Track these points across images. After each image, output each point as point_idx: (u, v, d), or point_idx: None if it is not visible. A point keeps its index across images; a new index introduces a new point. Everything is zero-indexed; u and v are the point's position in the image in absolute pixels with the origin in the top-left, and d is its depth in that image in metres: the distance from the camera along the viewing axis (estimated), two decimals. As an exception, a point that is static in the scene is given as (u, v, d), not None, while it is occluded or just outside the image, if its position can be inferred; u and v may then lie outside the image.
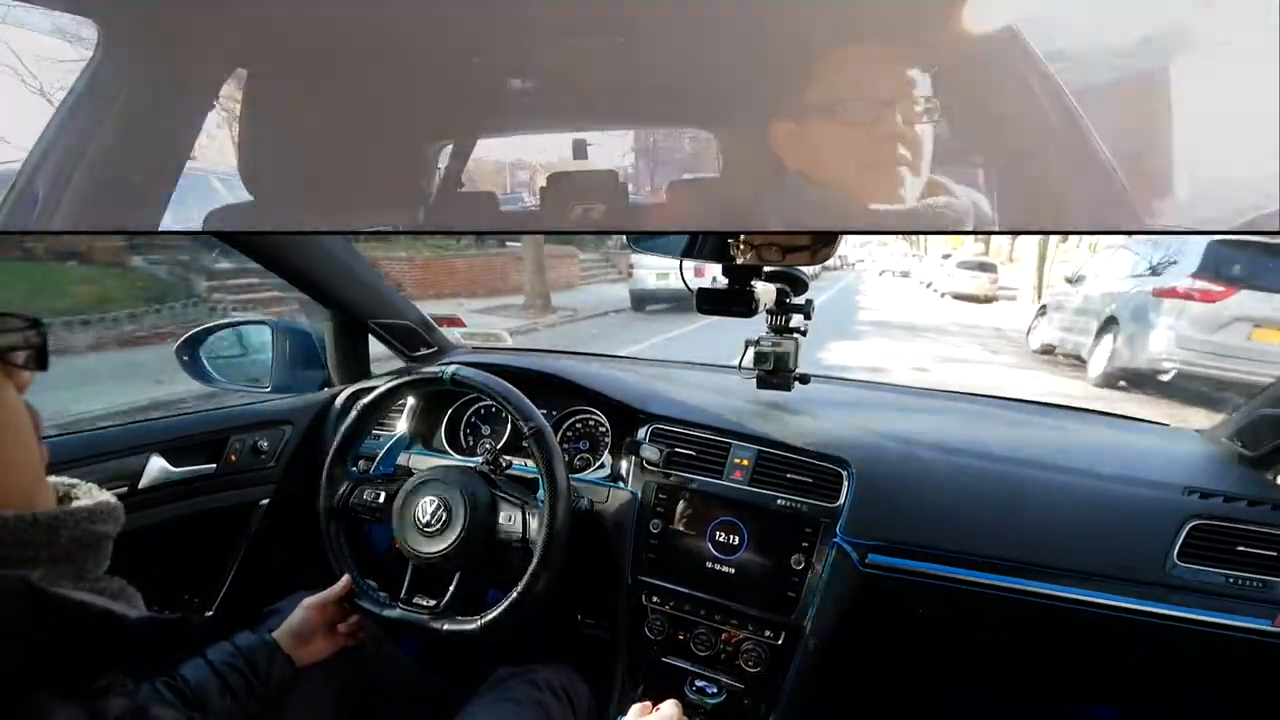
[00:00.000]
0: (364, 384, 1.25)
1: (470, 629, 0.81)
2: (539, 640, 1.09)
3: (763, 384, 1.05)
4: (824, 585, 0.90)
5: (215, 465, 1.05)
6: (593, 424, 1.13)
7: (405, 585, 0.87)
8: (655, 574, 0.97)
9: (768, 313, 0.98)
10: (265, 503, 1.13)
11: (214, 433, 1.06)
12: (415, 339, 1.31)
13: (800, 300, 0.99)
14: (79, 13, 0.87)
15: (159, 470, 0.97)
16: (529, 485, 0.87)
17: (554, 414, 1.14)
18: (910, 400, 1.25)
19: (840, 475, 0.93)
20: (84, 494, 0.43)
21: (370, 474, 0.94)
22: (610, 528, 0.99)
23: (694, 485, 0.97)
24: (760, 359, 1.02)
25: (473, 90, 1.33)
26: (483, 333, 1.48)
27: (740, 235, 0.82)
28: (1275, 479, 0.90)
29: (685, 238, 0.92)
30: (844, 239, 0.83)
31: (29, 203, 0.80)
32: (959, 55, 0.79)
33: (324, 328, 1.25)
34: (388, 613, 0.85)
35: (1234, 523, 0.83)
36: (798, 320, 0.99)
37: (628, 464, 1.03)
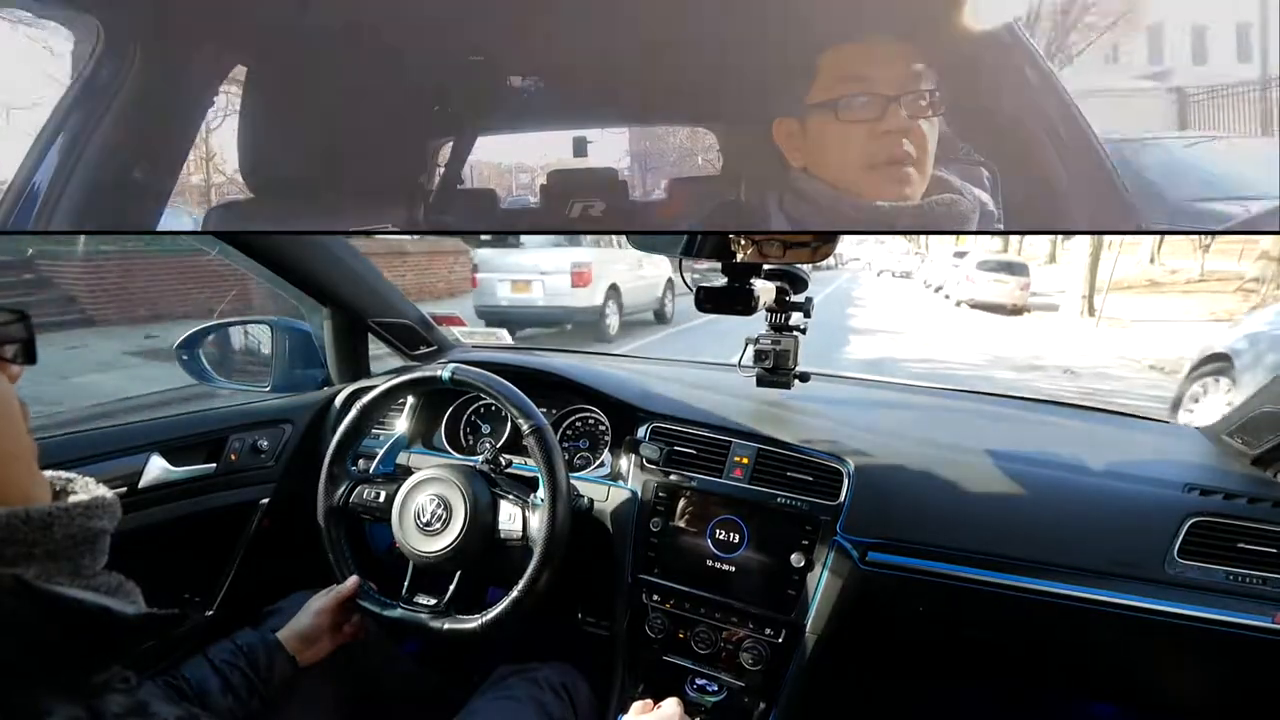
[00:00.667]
0: (364, 383, 1.25)
1: (471, 628, 0.81)
2: (539, 639, 1.09)
3: (762, 382, 1.05)
4: (824, 583, 0.90)
5: (215, 465, 1.05)
6: (592, 422, 1.13)
7: (406, 584, 0.87)
8: (655, 572, 0.97)
9: (767, 310, 0.97)
10: (265, 502, 1.13)
11: (213, 432, 1.05)
12: (415, 337, 1.31)
13: (800, 298, 0.99)
14: (79, 10, 0.87)
15: (159, 470, 0.97)
16: (529, 484, 0.87)
17: (554, 412, 1.14)
18: (910, 398, 1.25)
19: (840, 473, 0.93)
20: (80, 489, 0.42)
21: (370, 473, 0.94)
22: (610, 526, 0.99)
23: (694, 483, 0.97)
24: (760, 357, 1.02)
25: (473, 89, 1.33)
26: (483, 331, 1.48)
27: (741, 234, 0.82)
28: (1275, 476, 0.90)
29: (684, 235, 0.92)
30: (841, 236, 0.82)
31: (28, 202, 0.80)
32: (959, 54, 0.79)
33: (323, 326, 1.25)
34: (389, 612, 0.84)
35: (1234, 520, 0.83)
36: (797, 318, 0.99)
37: (628, 462, 1.03)
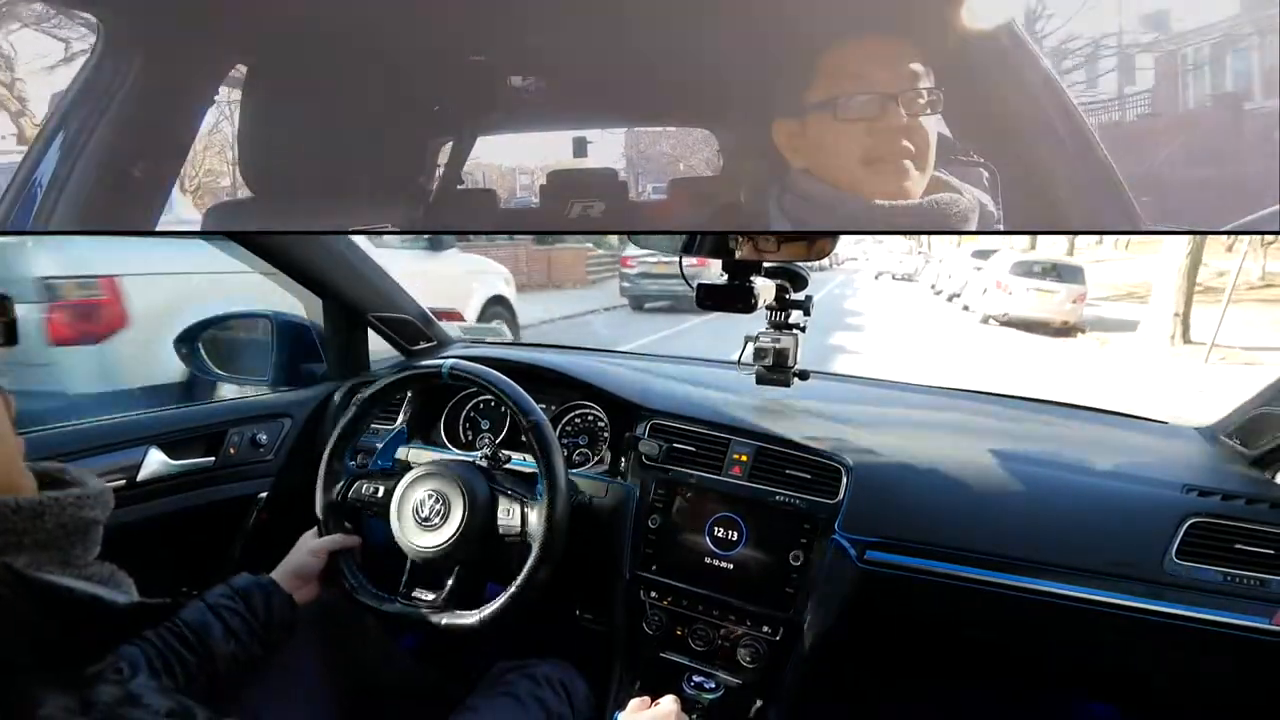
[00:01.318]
0: (363, 377, 1.25)
1: (469, 623, 0.81)
2: (537, 635, 1.09)
3: (762, 380, 1.05)
4: (822, 581, 0.90)
5: (214, 458, 1.05)
6: (591, 419, 1.13)
7: (404, 579, 0.87)
8: (654, 569, 0.97)
9: (767, 309, 0.98)
10: (264, 496, 1.13)
11: (212, 425, 1.06)
12: (414, 332, 1.31)
13: (800, 296, 0.99)
14: (79, 10, 0.87)
15: (157, 463, 0.97)
16: (528, 480, 0.87)
17: (553, 409, 1.14)
18: (909, 397, 1.25)
19: (839, 471, 0.93)
20: (73, 478, 0.42)
21: (368, 469, 0.94)
22: (609, 523, 0.99)
23: (693, 481, 0.97)
24: (760, 355, 1.02)
25: (473, 89, 1.33)
26: (482, 326, 1.48)
27: (740, 234, 0.82)
28: (1274, 477, 0.90)
29: (684, 236, 0.92)
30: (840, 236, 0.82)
31: (28, 202, 0.80)
32: (959, 53, 0.79)
33: (323, 321, 1.25)
34: (387, 607, 0.84)
35: (1232, 521, 0.83)
36: (797, 316, 0.99)
37: (626, 459, 1.03)
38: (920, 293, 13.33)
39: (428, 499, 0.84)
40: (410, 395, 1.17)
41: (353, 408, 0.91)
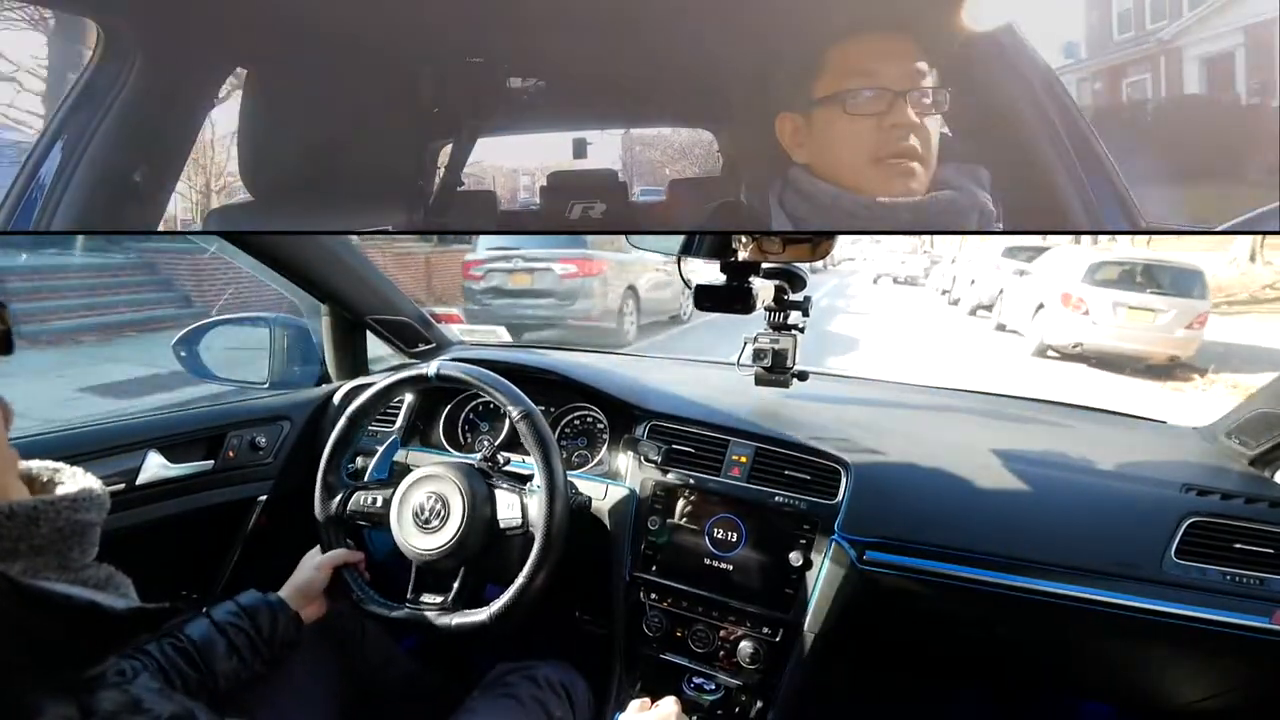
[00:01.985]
0: (361, 380, 1.25)
1: (480, 620, 0.80)
2: (538, 637, 1.09)
3: (761, 380, 1.05)
4: (822, 582, 0.90)
5: (213, 461, 1.05)
6: (590, 420, 1.13)
7: (410, 585, 0.87)
8: (653, 571, 0.97)
9: (766, 309, 0.98)
10: (263, 499, 1.13)
11: (212, 429, 1.05)
12: (413, 335, 1.31)
13: (798, 296, 0.99)
14: (79, 13, 0.87)
15: (156, 467, 0.97)
16: (527, 479, 0.87)
17: (552, 411, 1.14)
18: (908, 397, 1.25)
19: (838, 472, 0.93)
20: (68, 479, 0.42)
21: (365, 481, 0.94)
22: (608, 524, 0.99)
23: (692, 482, 0.97)
24: (758, 356, 1.02)
25: (473, 90, 1.33)
26: (482, 328, 1.48)
27: (741, 234, 0.82)
28: (1272, 476, 0.90)
29: (684, 235, 0.92)
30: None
31: (29, 203, 0.80)
32: (964, 54, 0.79)
33: (322, 323, 1.25)
34: (396, 614, 0.84)
35: (1231, 520, 0.83)
36: (796, 317, 0.99)
37: (626, 461, 1.03)
38: (929, 300, 11.37)
39: (427, 501, 0.84)
40: (410, 399, 1.17)
41: (343, 421, 0.91)
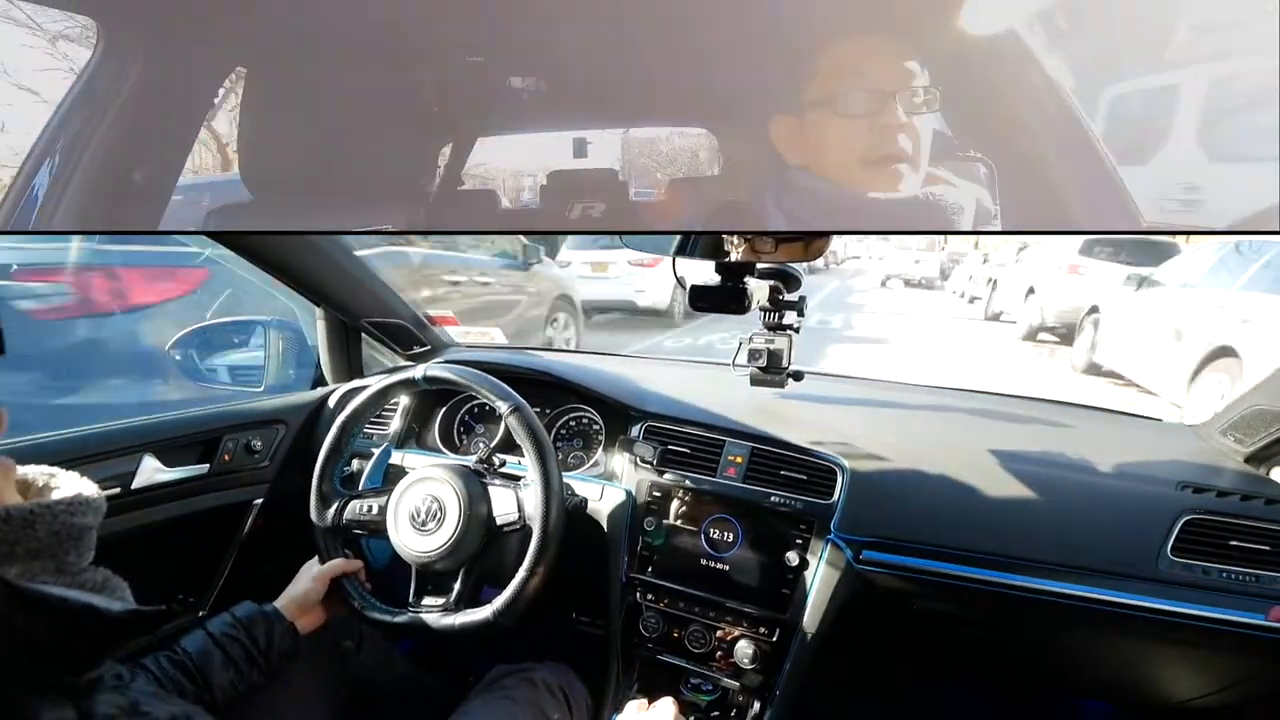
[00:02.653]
0: (357, 382, 1.25)
1: (484, 617, 0.80)
2: (535, 638, 1.08)
3: (756, 381, 1.05)
4: (818, 582, 0.89)
5: (208, 465, 1.04)
6: (586, 422, 1.13)
7: (412, 590, 0.86)
8: (650, 572, 0.97)
9: (761, 309, 0.97)
10: (259, 502, 1.12)
11: (207, 432, 1.05)
12: (409, 337, 1.31)
13: (793, 296, 0.99)
14: (79, 13, 0.87)
15: (152, 471, 0.96)
16: (522, 479, 0.87)
17: (547, 412, 1.14)
18: (904, 396, 1.25)
19: (834, 472, 0.93)
20: (64, 483, 0.42)
21: (361, 489, 0.94)
22: (604, 526, 0.99)
23: (688, 483, 0.97)
24: (754, 356, 1.02)
25: (472, 91, 1.33)
26: (477, 330, 1.48)
27: (739, 233, 0.82)
28: (1268, 474, 0.90)
29: (681, 235, 0.92)
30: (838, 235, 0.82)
31: (29, 203, 0.80)
32: (958, 52, 0.79)
33: (317, 326, 1.25)
34: (399, 619, 0.84)
35: (1227, 518, 0.84)
36: (791, 317, 0.99)
37: (621, 462, 1.03)
38: (945, 304, 10.19)
39: (422, 503, 0.83)
40: (405, 401, 1.17)
41: (334, 430, 0.90)
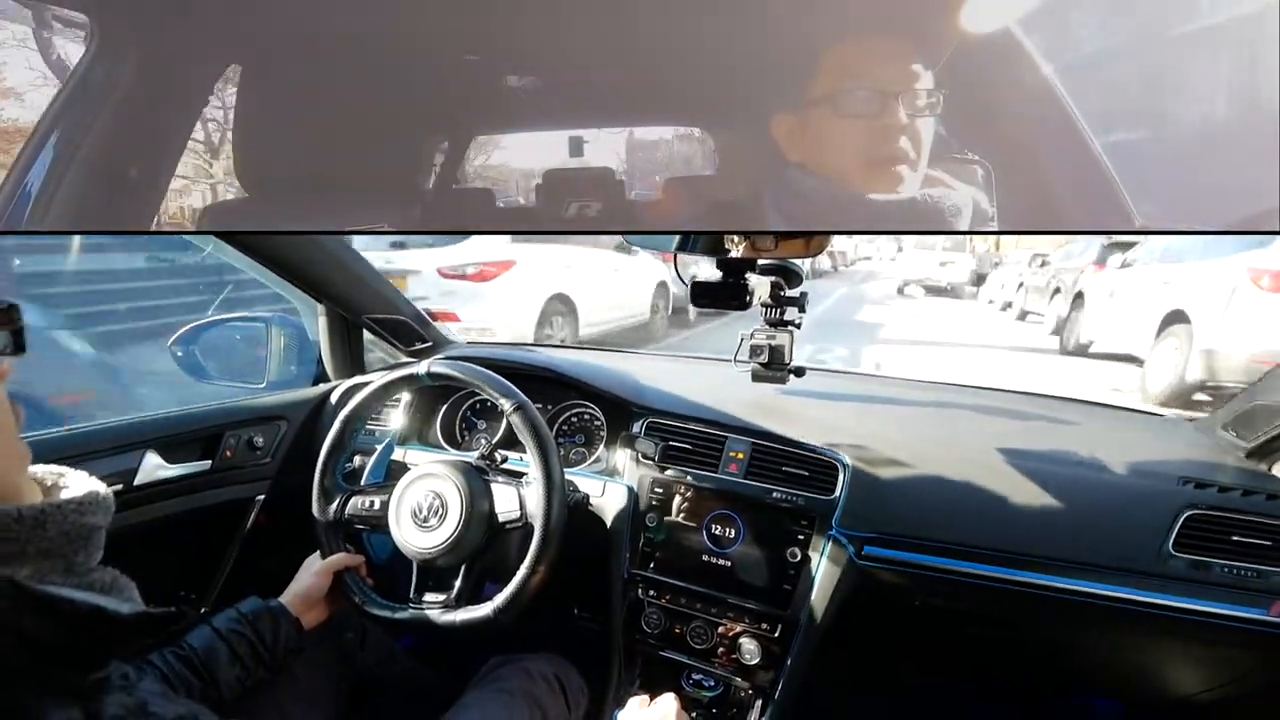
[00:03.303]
0: (359, 379, 1.25)
1: (485, 614, 0.80)
2: (537, 634, 1.08)
3: (758, 377, 1.05)
4: (820, 578, 0.90)
5: (210, 461, 1.04)
6: (587, 418, 1.13)
7: (413, 585, 0.86)
8: (651, 568, 0.97)
9: (762, 305, 0.97)
10: (261, 499, 1.13)
11: (209, 429, 1.05)
12: (410, 334, 1.31)
13: (794, 293, 0.99)
14: (73, 8, 0.87)
15: (154, 467, 0.96)
16: (524, 476, 0.87)
17: (549, 409, 1.14)
18: (905, 392, 1.25)
19: (836, 468, 0.93)
20: (73, 482, 0.42)
21: (363, 484, 0.94)
22: (606, 522, 0.99)
23: (689, 479, 0.97)
24: (755, 352, 1.02)
25: (470, 90, 1.33)
26: (478, 326, 1.48)
27: (736, 233, 0.82)
28: (1270, 469, 0.90)
29: (680, 233, 0.92)
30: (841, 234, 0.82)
31: (22, 202, 0.80)
32: (958, 54, 0.79)
33: (319, 323, 1.25)
34: (400, 615, 0.84)
35: (1229, 513, 0.84)
36: (792, 313, 0.99)
37: (623, 458, 1.03)
38: (978, 314, 8.73)
39: (424, 499, 0.83)
40: (406, 397, 1.17)
41: (337, 424, 0.90)
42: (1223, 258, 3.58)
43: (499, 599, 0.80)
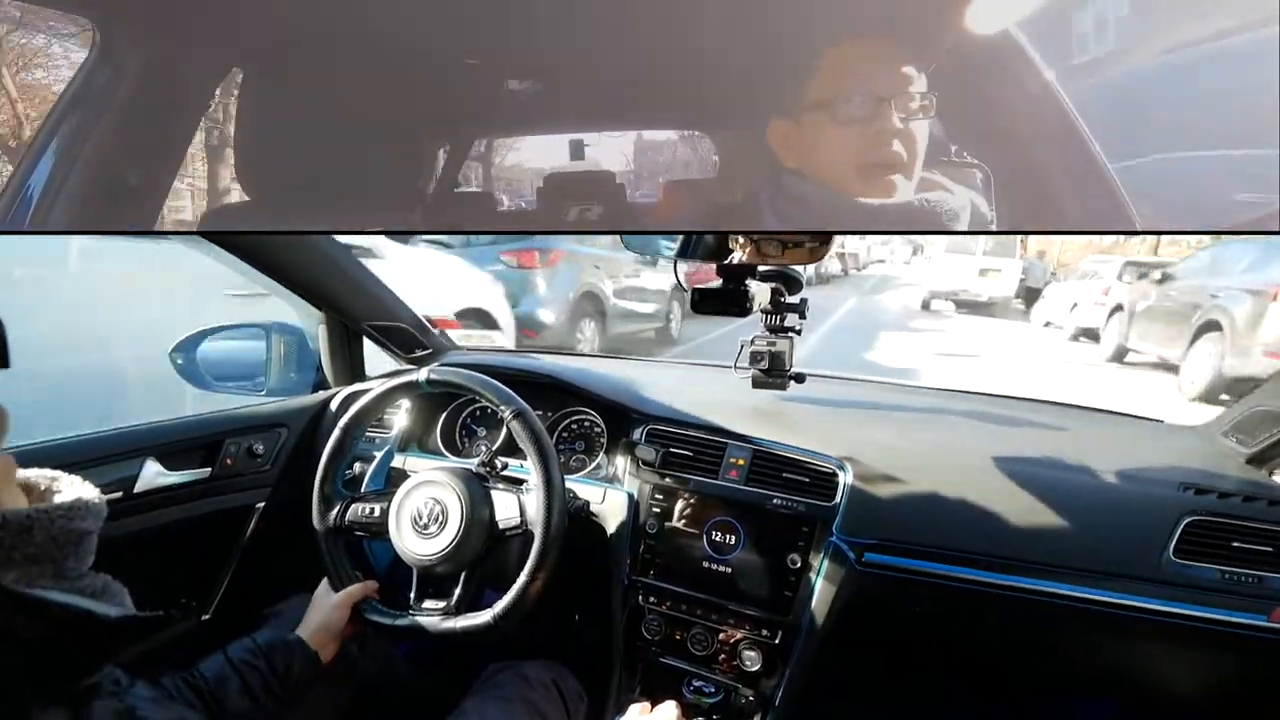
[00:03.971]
0: (359, 386, 1.25)
1: (485, 621, 0.80)
2: (537, 641, 1.08)
3: (758, 384, 1.05)
4: (820, 584, 0.90)
5: (210, 469, 1.04)
6: (588, 425, 1.13)
7: (413, 592, 0.86)
8: (652, 574, 0.97)
9: (762, 312, 0.97)
10: (261, 506, 1.12)
11: (209, 436, 1.05)
12: (410, 341, 1.31)
13: (795, 299, 0.99)
14: (75, 12, 0.87)
15: (154, 475, 0.96)
16: (524, 483, 0.87)
17: (549, 415, 1.14)
18: (905, 398, 1.25)
19: (836, 474, 0.93)
20: (65, 487, 0.42)
21: (363, 491, 0.94)
22: (607, 528, 0.99)
23: (690, 485, 0.97)
24: (755, 358, 1.02)
25: (471, 91, 1.33)
26: (478, 333, 1.48)
27: (736, 234, 0.82)
28: (1270, 475, 0.90)
29: (680, 236, 0.92)
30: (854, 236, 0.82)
31: (24, 203, 0.80)
32: (954, 55, 0.79)
33: (319, 330, 1.25)
34: (400, 622, 0.83)
35: (1229, 519, 0.84)
36: (792, 319, 0.99)
37: (623, 465, 1.03)
38: (1036, 338, 7.16)
39: (424, 506, 0.83)
40: (406, 404, 1.17)
41: (337, 431, 0.90)
42: None
43: (499, 606, 0.80)
